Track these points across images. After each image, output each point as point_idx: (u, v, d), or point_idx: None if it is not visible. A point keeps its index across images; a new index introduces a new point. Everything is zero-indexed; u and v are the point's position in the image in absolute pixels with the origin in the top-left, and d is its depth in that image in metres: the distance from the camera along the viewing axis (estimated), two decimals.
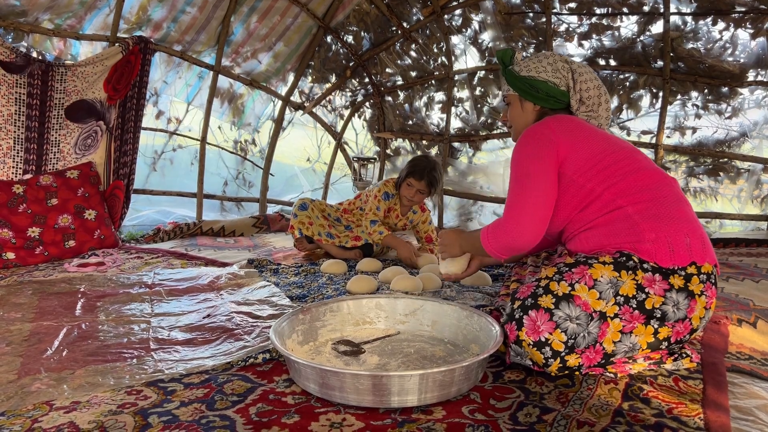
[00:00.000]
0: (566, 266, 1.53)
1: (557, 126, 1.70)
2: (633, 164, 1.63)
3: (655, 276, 1.46)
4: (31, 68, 3.30)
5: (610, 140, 1.71)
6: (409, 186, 3.11)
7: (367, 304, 1.87)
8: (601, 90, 1.82)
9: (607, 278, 1.46)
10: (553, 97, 1.82)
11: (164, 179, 4.45)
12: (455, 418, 1.28)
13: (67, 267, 2.86)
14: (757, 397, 1.39)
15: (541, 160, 1.65)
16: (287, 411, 1.31)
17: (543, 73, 1.81)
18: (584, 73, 1.80)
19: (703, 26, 3.77)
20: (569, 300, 1.44)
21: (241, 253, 3.37)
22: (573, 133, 1.69)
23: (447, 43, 4.50)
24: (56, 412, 1.30)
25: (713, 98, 3.85)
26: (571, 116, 1.79)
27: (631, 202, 1.56)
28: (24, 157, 3.34)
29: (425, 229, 3.30)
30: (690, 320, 1.47)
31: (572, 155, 1.65)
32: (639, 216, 1.54)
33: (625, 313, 1.44)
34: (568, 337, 1.42)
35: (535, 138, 1.69)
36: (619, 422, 1.25)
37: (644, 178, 1.60)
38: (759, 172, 3.80)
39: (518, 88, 1.86)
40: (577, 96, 1.80)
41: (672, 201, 1.56)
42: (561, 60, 1.83)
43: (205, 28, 4.09)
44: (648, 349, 1.48)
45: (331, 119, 5.26)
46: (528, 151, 1.68)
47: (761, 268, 2.82)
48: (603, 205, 1.60)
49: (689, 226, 1.53)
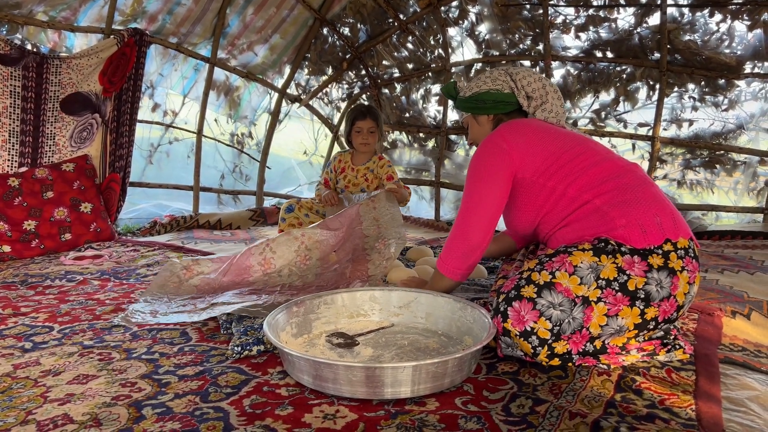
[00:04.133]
0: (546, 257, 1.56)
1: (509, 133, 1.77)
2: (591, 158, 1.67)
3: (634, 258, 1.48)
4: (25, 61, 3.28)
5: (567, 137, 1.75)
6: (358, 131, 3.17)
7: (361, 296, 1.87)
8: (543, 81, 1.89)
9: (587, 263, 1.48)
10: (501, 101, 1.90)
11: (161, 172, 4.43)
12: (448, 409, 1.28)
13: (63, 260, 2.86)
14: (749, 388, 1.40)
15: (491, 167, 1.74)
16: (281, 403, 1.32)
17: (484, 86, 1.93)
18: (521, 71, 1.90)
19: (700, 18, 3.76)
20: (551, 287, 1.46)
21: (237, 246, 3.37)
22: (526, 136, 1.75)
23: (444, 35, 4.48)
24: (50, 404, 1.31)
25: (710, 90, 3.85)
26: (525, 119, 1.87)
27: (596, 194, 1.60)
28: (19, 150, 3.33)
29: (385, 172, 3.28)
30: (675, 297, 1.48)
31: (527, 158, 1.71)
32: (607, 206, 1.57)
33: (608, 296, 1.45)
34: (553, 324, 1.44)
35: (487, 148, 1.78)
36: (611, 413, 1.25)
37: (604, 170, 1.64)
38: (755, 165, 3.80)
39: (468, 108, 1.98)
40: (522, 93, 1.88)
41: (636, 185, 1.60)
42: (498, 70, 1.95)
43: (201, 20, 4.07)
44: (636, 329, 1.49)
45: (328, 112, 5.25)
46: (479, 163, 1.78)
47: (756, 260, 2.83)
48: (570, 202, 1.64)
49: (657, 205, 1.55)
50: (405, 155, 5.00)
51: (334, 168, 3.29)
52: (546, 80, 1.91)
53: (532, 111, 1.90)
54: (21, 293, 2.28)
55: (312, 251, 2.34)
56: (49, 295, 2.25)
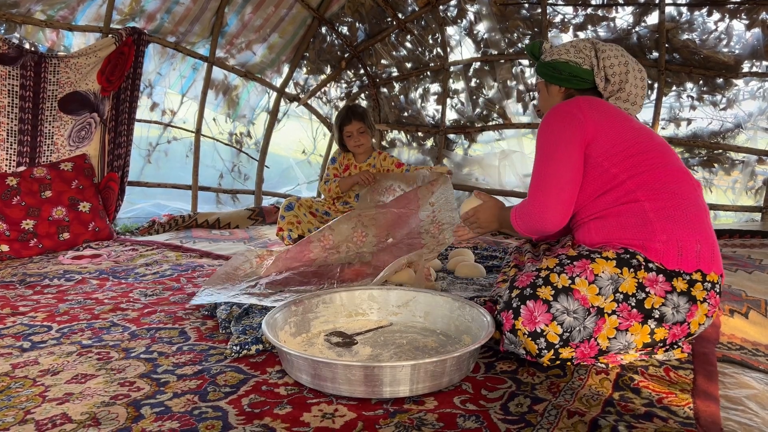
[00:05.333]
0: (568, 258, 1.51)
1: (586, 104, 1.63)
2: (661, 158, 1.58)
3: (659, 276, 1.45)
4: (23, 60, 3.28)
5: (641, 129, 1.65)
6: (349, 135, 3.18)
7: (359, 295, 1.87)
8: (628, 66, 1.73)
9: (608, 274, 1.44)
10: (576, 76, 1.76)
11: (159, 171, 4.43)
12: (447, 408, 1.28)
13: (62, 259, 2.85)
14: (747, 386, 1.40)
15: (566, 140, 1.58)
16: (280, 402, 1.32)
17: (565, 55, 1.78)
18: (607, 50, 1.74)
19: (699, 17, 3.76)
20: (568, 293, 1.43)
21: (236, 246, 3.37)
22: (604, 113, 1.63)
23: (442, 34, 4.48)
24: (49, 403, 1.31)
25: (708, 89, 3.85)
26: (603, 100, 1.73)
27: (650, 197, 1.52)
28: (17, 149, 3.33)
29: (390, 162, 3.28)
30: (689, 324, 1.46)
31: (600, 136, 1.58)
32: (654, 214, 1.50)
33: (623, 311, 1.43)
34: (564, 330, 1.42)
35: (561, 116, 1.63)
36: (610, 412, 1.26)
37: (668, 174, 1.55)
38: (753, 164, 3.81)
39: (542, 74, 1.84)
40: (601, 73, 1.74)
41: (690, 204, 1.52)
42: (585, 41, 1.79)
43: (199, 19, 4.07)
44: (643, 348, 1.48)
45: (327, 111, 5.24)
46: (552, 131, 1.62)
47: (754, 259, 2.84)
48: (621, 195, 1.55)
49: (702, 234, 1.50)
50: (404, 154, 4.99)
51: (340, 163, 3.30)
52: (633, 63, 1.74)
53: (608, 95, 1.76)
54: (19, 292, 2.28)
55: (368, 228, 2.48)
56: (48, 295, 2.25)
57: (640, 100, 1.78)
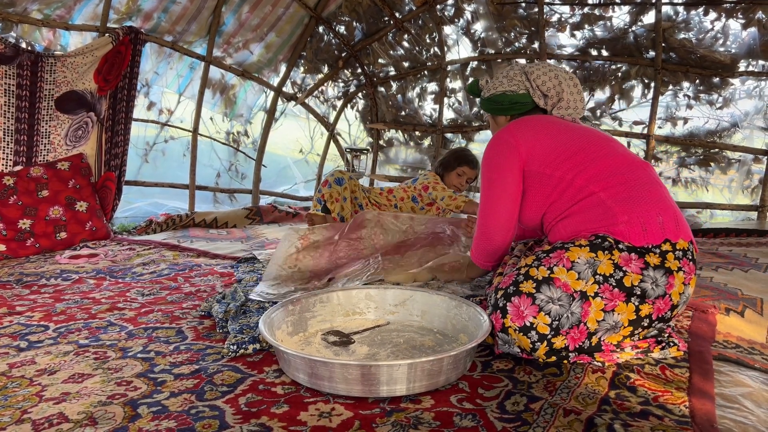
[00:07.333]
0: (544, 253, 1.57)
1: (516, 128, 1.78)
2: (602, 149, 1.67)
3: (631, 255, 1.50)
4: (20, 59, 3.27)
5: (579, 130, 1.76)
6: (460, 175, 3.31)
7: (357, 294, 1.87)
8: (560, 78, 1.87)
9: (584, 259, 1.49)
10: (516, 102, 1.93)
11: (156, 171, 4.43)
12: (443, 407, 1.29)
13: (59, 259, 2.85)
14: (742, 385, 1.41)
15: (500, 166, 1.75)
16: (277, 401, 1.32)
17: (500, 87, 1.95)
18: (536, 71, 1.89)
19: (695, 16, 3.77)
20: (549, 282, 1.47)
21: (233, 245, 3.37)
22: (534, 129, 1.76)
23: (439, 34, 4.49)
24: (46, 403, 1.31)
25: (705, 89, 3.86)
26: (537, 115, 1.88)
27: (603, 187, 1.60)
28: (14, 149, 3.32)
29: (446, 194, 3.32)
30: (670, 296, 1.50)
31: (535, 150, 1.71)
32: (611, 200, 1.57)
33: (605, 291, 1.47)
34: (552, 318, 1.45)
35: (494, 145, 1.79)
36: (605, 410, 1.26)
37: (614, 163, 1.64)
38: (749, 163, 3.82)
39: (487, 109, 2.02)
40: (537, 93, 1.89)
41: (644, 183, 1.60)
42: (514, 69, 1.96)
43: (196, 19, 4.07)
44: (631, 326, 1.50)
45: (324, 110, 5.25)
46: (489, 159, 1.79)
47: (750, 258, 2.85)
48: (576, 192, 1.63)
49: (661, 205, 1.56)
50: (401, 153, 5.00)
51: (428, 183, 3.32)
52: (563, 75, 1.89)
53: (550, 109, 1.90)
54: (16, 292, 2.27)
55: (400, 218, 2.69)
56: (45, 294, 2.24)
57: (580, 104, 1.91)
